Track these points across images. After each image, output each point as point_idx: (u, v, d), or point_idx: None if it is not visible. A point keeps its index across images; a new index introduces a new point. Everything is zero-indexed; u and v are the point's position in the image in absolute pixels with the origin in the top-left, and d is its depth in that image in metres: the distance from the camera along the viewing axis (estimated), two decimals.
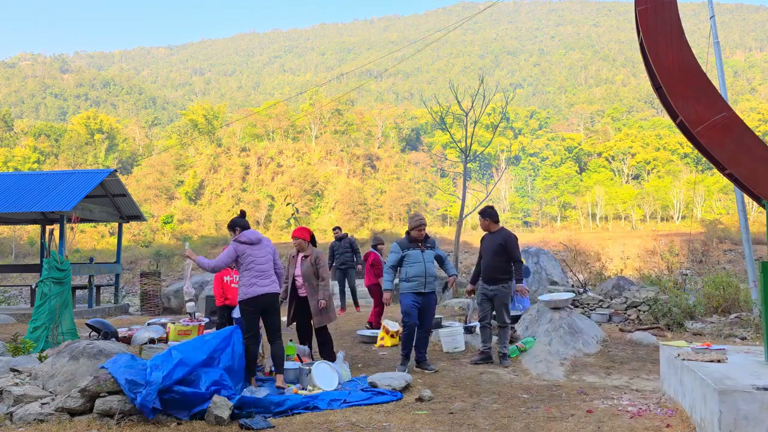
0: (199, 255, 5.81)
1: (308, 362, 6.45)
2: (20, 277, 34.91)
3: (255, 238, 5.80)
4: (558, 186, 78.01)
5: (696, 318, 9.92)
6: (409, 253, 6.56)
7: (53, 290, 7.80)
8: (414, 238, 6.61)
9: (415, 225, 6.60)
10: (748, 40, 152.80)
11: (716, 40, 10.89)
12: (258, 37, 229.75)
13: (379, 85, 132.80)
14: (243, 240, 5.77)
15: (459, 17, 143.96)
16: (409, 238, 6.65)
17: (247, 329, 5.67)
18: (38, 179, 15.10)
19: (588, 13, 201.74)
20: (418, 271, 6.48)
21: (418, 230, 6.58)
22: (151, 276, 16.02)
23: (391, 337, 8.40)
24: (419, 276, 6.47)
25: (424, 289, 6.49)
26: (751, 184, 5.04)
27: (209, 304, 9.23)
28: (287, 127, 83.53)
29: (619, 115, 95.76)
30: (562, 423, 4.57)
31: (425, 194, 76.93)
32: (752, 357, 4.93)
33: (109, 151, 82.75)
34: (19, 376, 5.44)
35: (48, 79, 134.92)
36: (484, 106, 18.98)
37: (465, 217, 19.36)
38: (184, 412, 4.64)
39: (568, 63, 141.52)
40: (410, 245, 6.61)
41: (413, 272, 6.49)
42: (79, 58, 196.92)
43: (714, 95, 5.14)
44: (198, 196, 74.59)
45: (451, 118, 24.77)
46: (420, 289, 6.48)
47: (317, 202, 73.23)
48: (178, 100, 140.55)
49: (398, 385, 5.63)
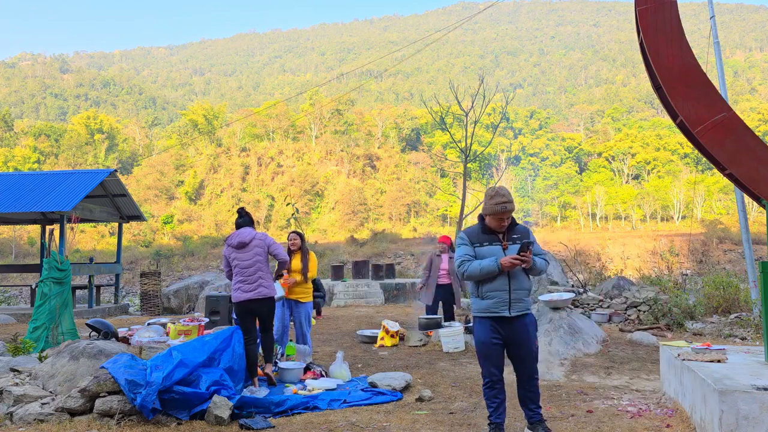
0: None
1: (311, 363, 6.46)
2: (20, 277, 34.91)
3: (238, 241, 5.65)
4: (558, 186, 78.02)
5: (696, 318, 9.92)
6: (483, 250, 4.04)
7: (53, 290, 7.79)
8: (491, 229, 4.10)
9: (493, 210, 3.99)
10: (748, 40, 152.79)
11: (716, 40, 10.89)
12: (258, 37, 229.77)
13: (379, 85, 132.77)
14: (228, 243, 5.74)
15: (459, 17, 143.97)
16: (483, 226, 4.12)
17: (244, 331, 5.65)
18: (38, 179, 15.11)
19: (588, 13, 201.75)
20: (498, 284, 3.98)
21: (498, 218, 4.00)
22: (151, 276, 16.02)
23: (391, 337, 8.40)
24: (500, 290, 3.97)
25: (508, 311, 3.98)
26: (751, 184, 5.04)
27: (209, 304, 9.25)
28: (287, 127, 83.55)
29: (619, 115, 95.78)
30: (562, 423, 4.57)
31: (425, 194, 76.93)
32: (752, 357, 4.93)
33: (109, 151, 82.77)
34: (19, 376, 5.44)
35: (48, 79, 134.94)
36: (484, 106, 19.00)
37: (465, 217, 19.37)
38: (184, 412, 4.64)
39: (568, 63, 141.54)
40: (485, 237, 4.08)
41: (490, 284, 4.00)
42: (79, 58, 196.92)
43: (714, 95, 5.14)
44: (198, 196, 74.60)
45: (451, 118, 24.78)
46: (501, 312, 3.99)
47: (317, 202, 73.25)
48: (178, 100, 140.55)
49: (398, 385, 5.63)
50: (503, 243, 4.04)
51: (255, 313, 5.69)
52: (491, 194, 4.04)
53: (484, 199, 4.11)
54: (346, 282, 17.42)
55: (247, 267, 5.62)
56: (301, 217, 61.32)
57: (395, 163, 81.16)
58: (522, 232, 4.10)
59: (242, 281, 5.60)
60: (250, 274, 5.61)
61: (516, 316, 4.02)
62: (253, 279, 5.61)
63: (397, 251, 44.28)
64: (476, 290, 4.07)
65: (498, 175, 62.96)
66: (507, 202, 3.95)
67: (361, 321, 11.73)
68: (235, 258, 5.64)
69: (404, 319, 10.83)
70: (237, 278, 5.64)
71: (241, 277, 5.61)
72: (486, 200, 4.07)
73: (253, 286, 5.61)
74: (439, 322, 8.83)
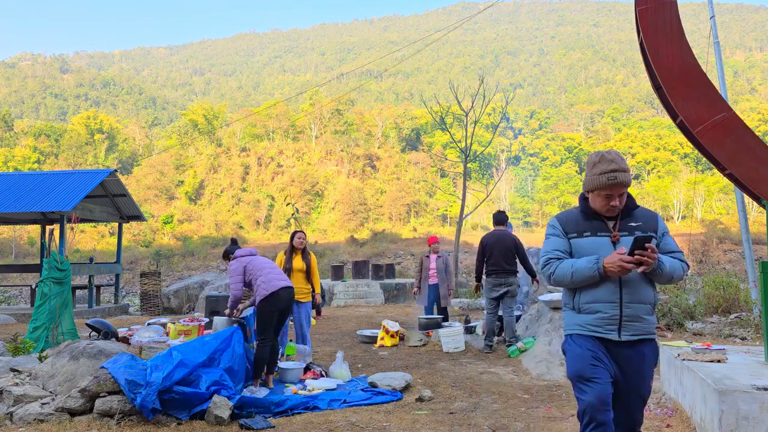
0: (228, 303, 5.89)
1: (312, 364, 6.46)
2: (20, 277, 34.91)
3: (249, 251, 5.92)
4: (558, 186, 77.99)
5: (696, 318, 9.92)
6: (582, 244, 2.84)
7: (53, 290, 7.80)
8: (595, 213, 2.87)
9: (597, 182, 2.77)
10: (748, 40, 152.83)
11: (716, 40, 10.89)
12: (258, 37, 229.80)
13: (379, 85, 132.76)
14: (240, 254, 5.84)
15: (459, 17, 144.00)
16: (585, 209, 2.90)
17: (262, 330, 5.62)
18: (38, 179, 15.11)
19: (588, 13, 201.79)
20: (603, 292, 2.76)
21: (605, 195, 2.77)
22: (151, 276, 16.03)
23: (391, 337, 8.40)
24: (605, 302, 2.76)
25: (617, 334, 2.76)
26: (751, 184, 5.04)
27: (209, 304, 9.24)
28: (287, 127, 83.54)
29: (619, 115, 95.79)
30: (562, 423, 4.57)
31: (425, 194, 76.91)
32: (752, 357, 4.93)
33: (109, 151, 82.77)
34: (19, 376, 5.44)
35: (48, 79, 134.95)
36: (484, 106, 19.00)
37: (465, 217, 19.37)
38: (184, 412, 4.64)
39: (568, 63, 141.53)
40: (587, 224, 2.87)
41: (591, 292, 2.79)
42: (79, 58, 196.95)
43: (714, 95, 5.14)
44: (198, 196, 74.58)
45: (451, 118, 24.78)
46: (607, 334, 2.77)
47: (317, 202, 73.22)
48: (178, 100, 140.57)
49: (398, 385, 5.63)
50: (613, 234, 2.75)
51: (287, 305, 5.75)
52: (595, 160, 2.77)
53: (586, 167, 2.87)
54: (346, 282, 17.43)
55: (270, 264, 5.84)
56: (301, 217, 61.30)
57: (395, 163, 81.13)
58: (645, 219, 2.82)
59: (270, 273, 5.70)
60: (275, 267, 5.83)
61: (629, 341, 2.72)
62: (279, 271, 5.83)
63: (397, 251, 44.30)
64: (570, 300, 2.83)
65: (498, 175, 62.96)
66: (619, 170, 2.68)
67: (361, 321, 11.73)
68: (252, 260, 5.76)
69: (404, 319, 10.84)
70: (264, 273, 5.67)
71: (268, 270, 5.72)
72: (588, 170, 2.82)
73: (283, 276, 5.79)
74: (439, 322, 8.85)
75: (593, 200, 2.82)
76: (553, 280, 2.82)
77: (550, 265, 2.80)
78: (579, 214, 2.88)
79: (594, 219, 2.82)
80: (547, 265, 2.81)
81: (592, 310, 2.75)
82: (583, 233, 2.82)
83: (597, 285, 2.72)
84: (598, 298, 2.74)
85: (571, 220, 2.89)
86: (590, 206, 2.85)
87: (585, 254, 2.76)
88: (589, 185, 2.82)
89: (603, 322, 2.73)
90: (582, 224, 2.84)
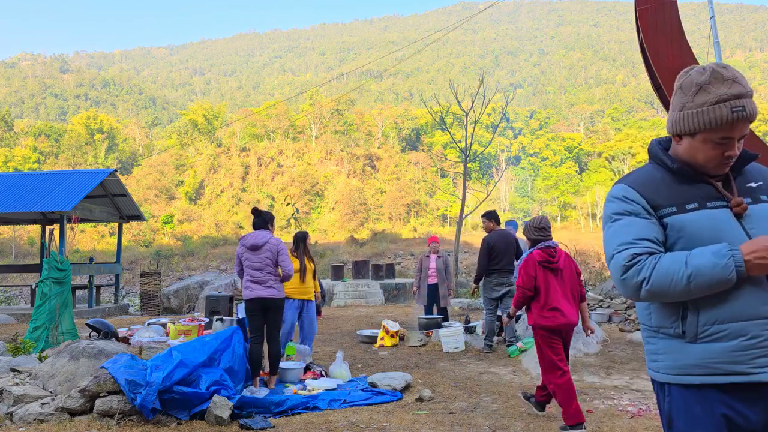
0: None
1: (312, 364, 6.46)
2: (20, 277, 34.93)
3: (251, 243, 5.81)
4: (558, 186, 78.04)
5: None
6: (690, 221, 1.60)
7: (53, 290, 7.80)
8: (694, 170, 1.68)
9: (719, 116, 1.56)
10: (748, 40, 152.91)
11: (716, 40, 10.88)
12: (258, 37, 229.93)
13: (379, 85, 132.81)
14: (242, 243, 5.88)
15: (459, 17, 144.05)
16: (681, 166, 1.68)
17: (250, 329, 5.76)
18: (38, 179, 15.12)
19: (588, 13, 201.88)
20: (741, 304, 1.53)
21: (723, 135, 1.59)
22: (151, 276, 16.04)
23: (391, 337, 8.40)
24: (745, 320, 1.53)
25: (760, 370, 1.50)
26: None
27: (209, 304, 9.25)
28: (287, 127, 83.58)
29: (619, 115, 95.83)
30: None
31: (425, 194, 76.93)
32: None
33: (109, 151, 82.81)
34: (19, 376, 5.44)
35: (48, 79, 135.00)
36: (484, 106, 19.01)
37: (465, 217, 19.38)
38: (184, 412, 4.64)
39: (568, 63, 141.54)
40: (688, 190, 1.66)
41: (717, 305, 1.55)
42: (79, 58, 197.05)
43: None
44: (198, 196, 74.61)
45: (451, 118, 24.78)
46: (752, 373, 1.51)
47: (317, 202, 73.24)
48: (178, 100, 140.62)
49: (398, 385, 5.63)
50: (733, 200, 1.63)
51: (263, 312, 5.78)
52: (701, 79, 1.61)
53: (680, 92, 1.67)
54: (346, 282, 17.44)
55: (257, 269, 5.78)
56: (301, 217, 61.32)
57: (395, 163, 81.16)
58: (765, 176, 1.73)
59: (252, 281, 5.77)
60: (260, 276, 5.77)
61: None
62: (263, 280, 5.78)
63: (397, 251, 44.31)
64: (672, 323, 1.62)
65: (498, 175, 62.99)
66: (747, 95, 1.58)
67: (361, 321, 11.73)
68: (247, 258, 5.81)
69: (404, 319, 10.85)
70: (247, 278, 5.81)
71: (251, 277, 5.77)
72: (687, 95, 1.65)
73: (263, 287, 5.77)
74: (439, 322, 8.85)
75: (694, 148, 1.65)
76: (648, 291, 1.56)
77: (640, 265, 1.57)
78: (666, 174, 1.70)
79: (696, 180, 1.67)
80: (635, 266, 1.57)
81: (724, 336, 1.54)
82: (686, 204, 1.63)
83: (730, 292, 1.54)
84: (735, 315, 1.54)
85: (658, 184, 1.68)
86: (685, 160, 1.69)
87: (698, 242, 1.58)
88: (692, 123, 1.63)
89: (748, 354, 1.52)
90: (679, 190, 1.66)
